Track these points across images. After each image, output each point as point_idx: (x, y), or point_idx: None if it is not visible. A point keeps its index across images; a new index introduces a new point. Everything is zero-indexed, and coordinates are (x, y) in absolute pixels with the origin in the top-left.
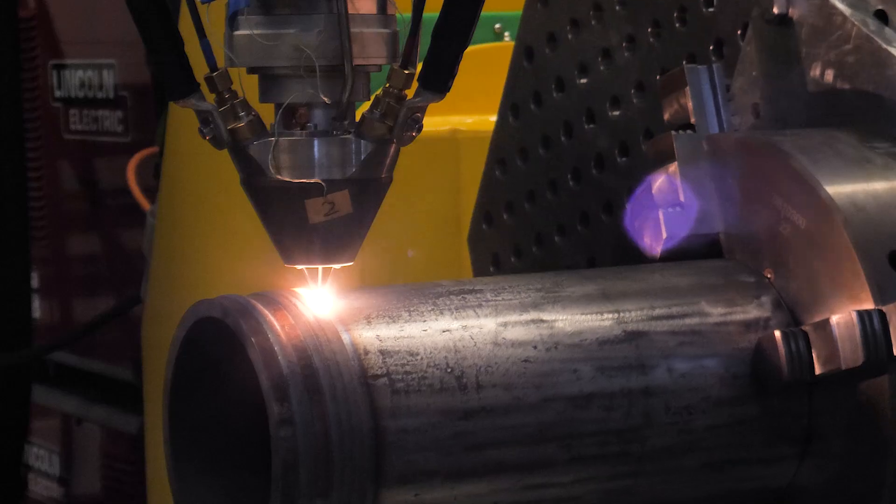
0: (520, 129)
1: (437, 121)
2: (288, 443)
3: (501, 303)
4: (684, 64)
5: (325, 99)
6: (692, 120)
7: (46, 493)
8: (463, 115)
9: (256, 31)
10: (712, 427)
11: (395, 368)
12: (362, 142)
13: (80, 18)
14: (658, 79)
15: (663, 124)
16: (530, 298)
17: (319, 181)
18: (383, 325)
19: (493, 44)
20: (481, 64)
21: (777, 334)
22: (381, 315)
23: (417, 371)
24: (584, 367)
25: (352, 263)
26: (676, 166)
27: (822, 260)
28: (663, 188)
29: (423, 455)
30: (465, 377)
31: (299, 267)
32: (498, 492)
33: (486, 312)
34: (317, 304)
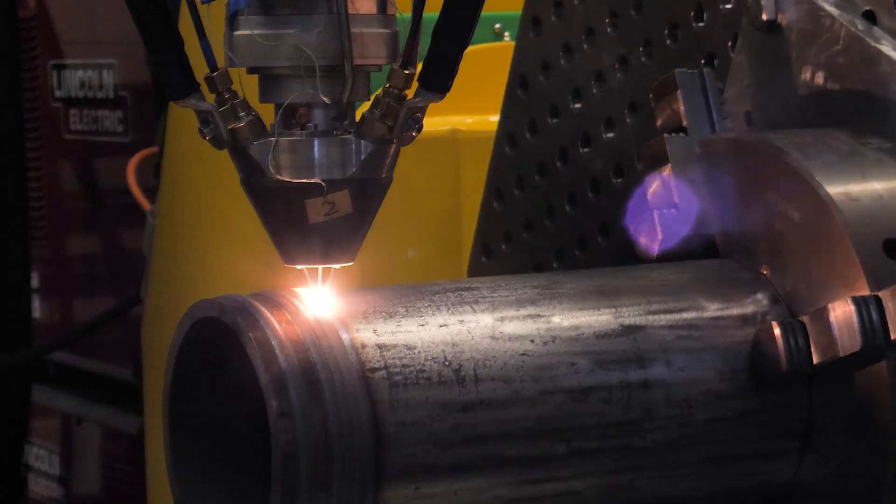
0: (516, 158)
1: (437, 121)
2: (287, 435)
3: (498, 299)
4: (676, 69)
5: (325, 99)
6: (684, 123)
7: (46, 493)
8: (463, 115)
9: (256, 31)
10: (712, 420)
11: (392, 362)
12: (362, 142)
13: (80, 18)
14: (651, 87)
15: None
16: (527, 295)
17: (319, 181)
18: (380, 321)
19: (493, 44)
20: (481, 64)
21: (775, 326)
22: (378, 311)
23: (415, 364)
24: (581, 360)
25: (352, 263)
26: (670, 169)
27: (817, 252)
28: (658, 191)
29: (422, 448)
30: (464, 370)
31: (299, 267)
32: (498, 485)
33: (483, 308)
34: (314, 302)
